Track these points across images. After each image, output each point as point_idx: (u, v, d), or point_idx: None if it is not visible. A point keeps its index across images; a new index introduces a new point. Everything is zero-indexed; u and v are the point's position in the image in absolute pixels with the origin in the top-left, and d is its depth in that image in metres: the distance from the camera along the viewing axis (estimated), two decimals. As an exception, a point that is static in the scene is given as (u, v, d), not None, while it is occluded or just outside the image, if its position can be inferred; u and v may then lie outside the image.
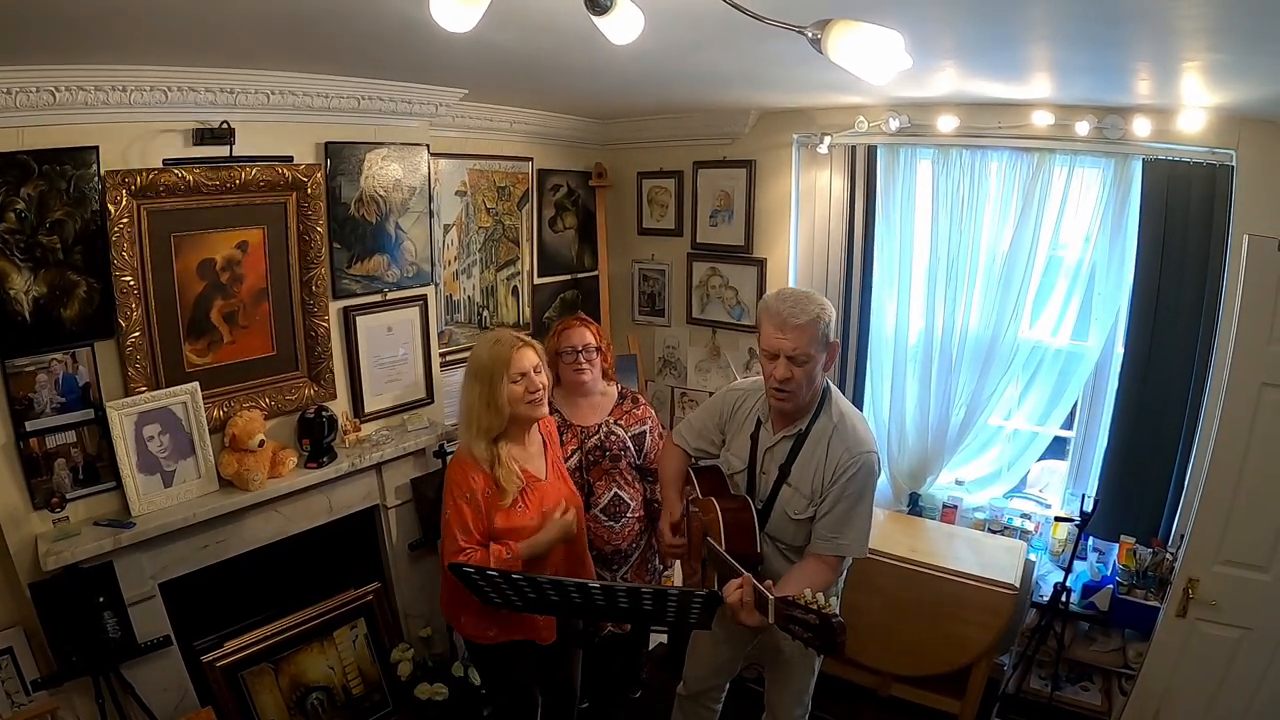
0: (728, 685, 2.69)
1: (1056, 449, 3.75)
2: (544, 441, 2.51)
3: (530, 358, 2.29)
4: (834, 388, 2.26)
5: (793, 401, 2.14)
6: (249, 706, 2.86)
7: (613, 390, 3.05)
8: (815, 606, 1.64)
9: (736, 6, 1.29)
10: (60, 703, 2.45)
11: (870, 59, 1.22)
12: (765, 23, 1.29)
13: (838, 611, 1.64)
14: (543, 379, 2.33)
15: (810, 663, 2.43)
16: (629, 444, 2.94)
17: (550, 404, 2.96)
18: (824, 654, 1.68)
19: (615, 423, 2.95)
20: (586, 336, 2.94)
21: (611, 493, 2.92)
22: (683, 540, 2.43)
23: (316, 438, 2.93)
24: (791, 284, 3.93)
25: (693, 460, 2.52)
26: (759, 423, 2.28)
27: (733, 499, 2.31)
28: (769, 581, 1.89)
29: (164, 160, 2.50)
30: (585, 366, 2.91)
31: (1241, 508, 2.62)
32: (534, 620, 2.39)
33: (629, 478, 2.96)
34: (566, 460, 2.84)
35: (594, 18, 1.33)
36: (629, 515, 2.95)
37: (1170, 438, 3.18)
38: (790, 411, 2.19)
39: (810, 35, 1.26)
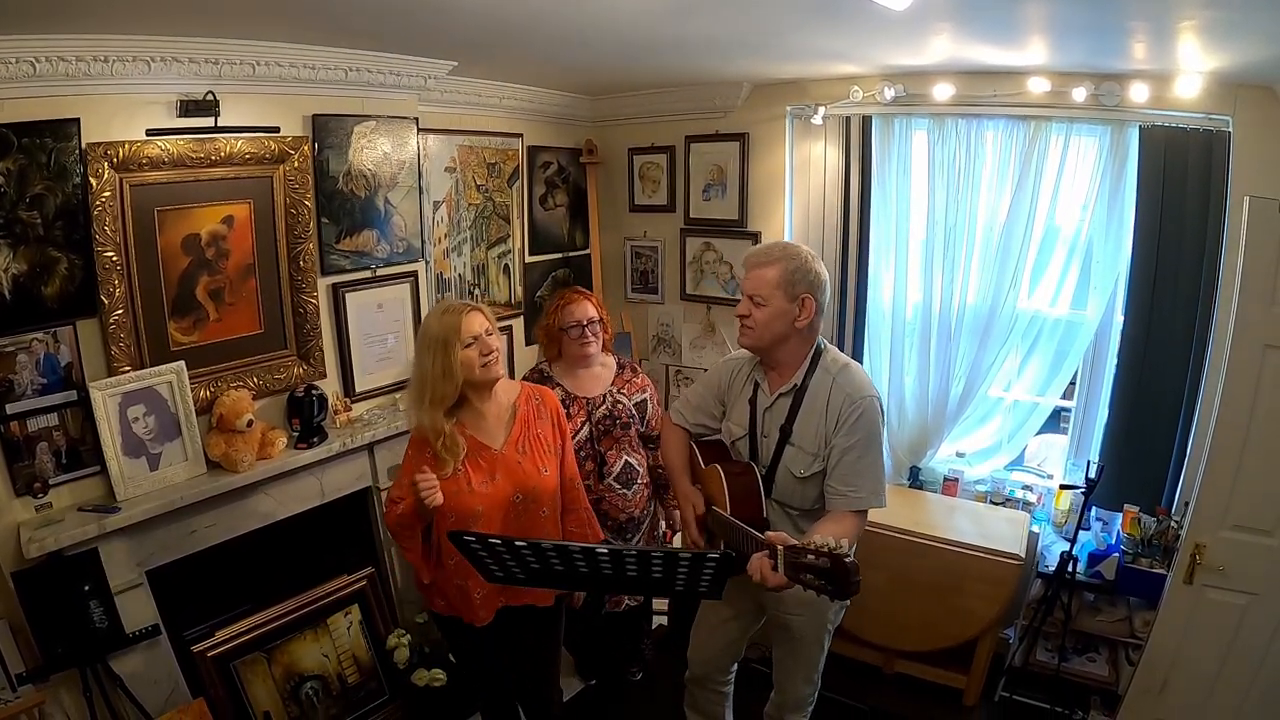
0: (736, 666, 2.65)
1: (1053, 424, 3.74)
2: (517, 414, 2.35)
3: (480, 321, 2.22)
4: (829, 345, 2.26)
5: (750, 338, 2.20)
6: (242, 697, 2.79)
7: (612, 361, 3.04)
8: (826, 549, 1.60)
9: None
10: (47, 696, 2.37)
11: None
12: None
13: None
14: (495, 341, 2.25)
15: (820, 638, 2.39)
16: (634, 411, 2.94)
17: (551, 378, 2.93)
18: (839, 598, 1.63)
19: (619, 391, 2.94)
20: (589, 310, 2.91)
21: (623, 460, 2.94)
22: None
23: (306, 417, 2.86)
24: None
25: (693, 438, 2.49)
26: (756, 385, 2.29)
27: (735, 464, 2.30)
28: (769, 534, 1.84)
29: (147, 131, 2.42)
30: (591, 340, 2.89)
31: (1247, 472, 2.61)
32: (469, 599, 2.30)
33: (636, 444, 2.99)
34: (576, 433, 2.81)
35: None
36: (639, 482, 2.98)
37: (1172, 404, 3.17)
38: (752, 348, 2.25)
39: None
